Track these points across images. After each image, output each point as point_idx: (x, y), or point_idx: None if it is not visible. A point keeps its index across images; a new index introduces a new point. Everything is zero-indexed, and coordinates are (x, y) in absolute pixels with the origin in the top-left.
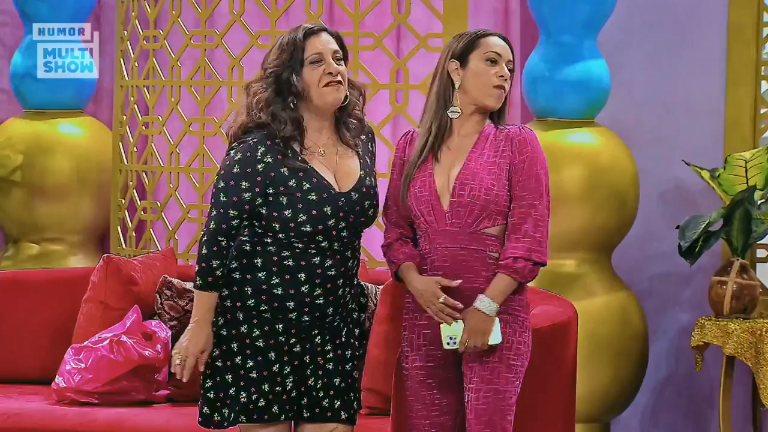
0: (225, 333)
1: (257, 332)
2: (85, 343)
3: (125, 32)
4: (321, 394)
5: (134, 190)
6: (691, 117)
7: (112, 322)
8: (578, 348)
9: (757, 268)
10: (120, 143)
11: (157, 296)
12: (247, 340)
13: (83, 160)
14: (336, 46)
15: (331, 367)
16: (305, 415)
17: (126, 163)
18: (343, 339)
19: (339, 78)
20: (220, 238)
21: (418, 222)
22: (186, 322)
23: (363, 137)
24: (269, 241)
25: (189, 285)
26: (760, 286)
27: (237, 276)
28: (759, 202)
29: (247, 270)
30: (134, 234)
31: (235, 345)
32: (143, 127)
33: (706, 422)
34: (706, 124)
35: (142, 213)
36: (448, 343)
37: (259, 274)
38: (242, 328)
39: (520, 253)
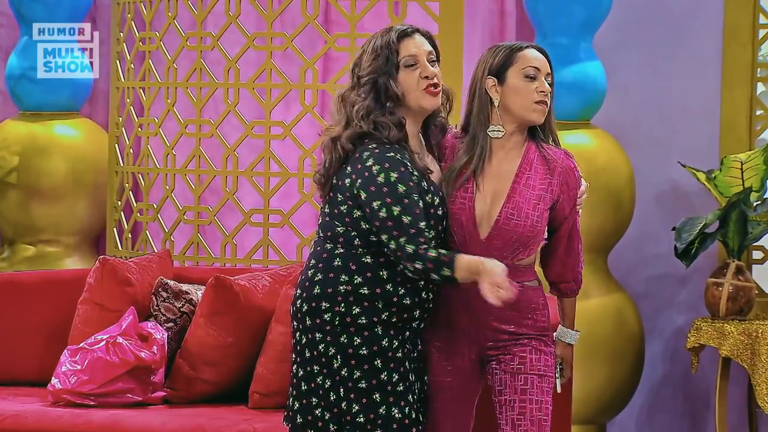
0: (366, 352)
1: (396, 344)
2: (81, 344)
3: (121, 34)
4: (423, 396)
5: (130, 192)
6: (686, 119)
7: (108, 323)
8: (574, 349)
9: (753, 269)
10: (116, 145)
11: (153, 298)
12: (390, 354)
13: (79, 162)
14: (430, 47)
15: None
16: None
17: (122, 164)
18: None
19: (436, 81)
20: (420, 249)
21: (450, 242)
22: (182, 324)
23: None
24: (387, 250)
25: (185, 287)
26: (756, 287)
27: (366, 291)
28: (755, 203)
29: (375, 283)
30: (130, 236)
31: (378, 362)
32: (139, 129)
33: (702, 424)
34: (702, 126)
35: (138, 215)
36: (560, 387)
37: (388, 286)
38: (383, 342)
39: (579, 273)
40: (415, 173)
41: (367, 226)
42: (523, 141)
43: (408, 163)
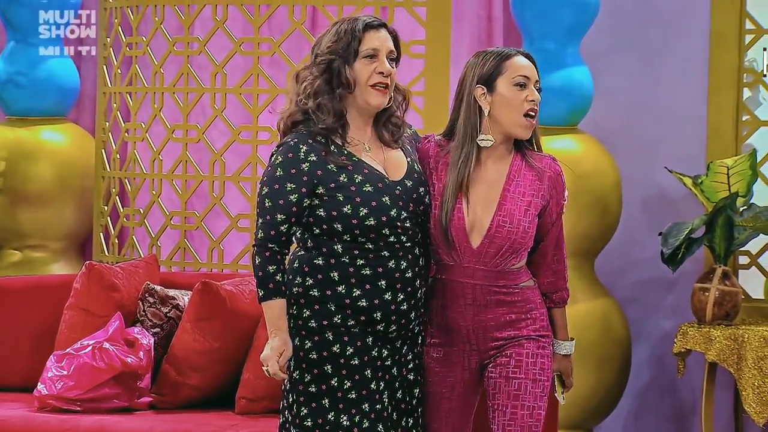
0: (315, 356)
1: (351, 350)
2: (68, 350)
3: (108, 39)
4: (403, 407)
5: (117, 197)
6: (673, 124)
7: (94, 329)
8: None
9: (739, 275)
10: (102, 150)
11: (140, 303)
12: (342, 360)
13: (66, 167)
14: (392, 46)
15: (412, 377)
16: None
17: (108, 169)
18: (419, 347)
19: (388, 81)
20: (270, 245)
21: (438, 250)
22: (168, 329)
23: (406, 139)
24: (339, 249)
25: (172, 292)
26: (742, 293)
27: (316, 293)
28: (741, 209)
29: (325, 285)
30: (117, 241)
31: (328, 367)
32: (126, 134)
33: (688, 428)
34: (689, 131)
35: (125, 220)
36: (564, 398)
37: (339, 288)
38: (334, 348)
39: (566, 281)
40: (326, 168)
41: (311, 219)
42: (510, 148)
43: (305, 155)
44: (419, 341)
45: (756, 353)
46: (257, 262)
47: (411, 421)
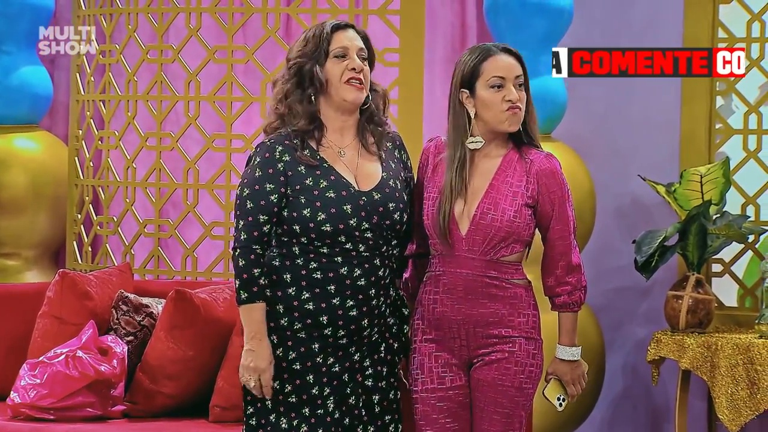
0: None
1: (293, 354)
2: (41, 358)
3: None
4: (363, 413)
5: (90, 205)
6: (647, 132)
7: (67, 337)
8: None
9: (712, 282)
10: (76, 158)
11: (113, 311)
12: (284, 364)
13: (39, 175)
14: (362, 45)
15: (370, 384)
16: None
17: (82, 177)
18: (381, 354)
19: (361, 76)
20: (254, 247)
21: (433, 243)
22: (142, 337)
23: (389, 144)
24: (296, 251)
25: (145, 300)
26: (715, 300)
27: (269, 293)
28: (714, 216)
29: (277, 286)
30: (90, 249)
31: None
32: (99, 142)
33: None
34: (662, 139)
35: (98, 228)
36: (560, 404)
37: (289, 290)
38: (278, 352)
39: (572, 286)
40: (296, 169)
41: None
42: (505, 144)
43: (280, 155)
44: (382, 349)
45: (729, 361)
46: (241, 264)
47: (372, 429)
